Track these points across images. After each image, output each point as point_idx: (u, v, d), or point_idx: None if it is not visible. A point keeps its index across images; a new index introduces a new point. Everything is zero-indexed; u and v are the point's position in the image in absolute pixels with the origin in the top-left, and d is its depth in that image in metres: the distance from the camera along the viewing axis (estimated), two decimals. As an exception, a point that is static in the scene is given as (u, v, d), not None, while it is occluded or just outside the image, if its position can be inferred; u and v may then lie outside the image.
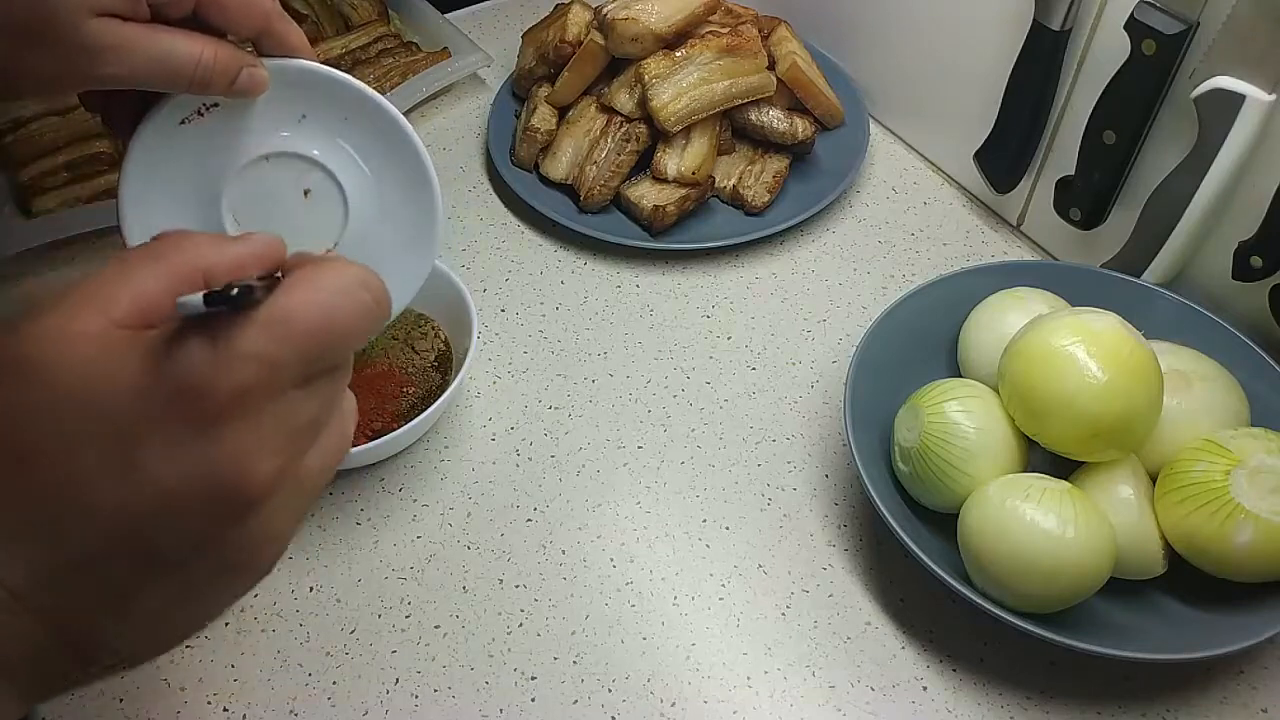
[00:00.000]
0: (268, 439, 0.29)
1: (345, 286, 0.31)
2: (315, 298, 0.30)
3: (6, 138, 0.80)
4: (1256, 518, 0.48)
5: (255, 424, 0.29)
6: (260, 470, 0.29)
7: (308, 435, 0.31)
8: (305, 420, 0.31)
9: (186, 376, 0.28)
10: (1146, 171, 0.64)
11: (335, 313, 0.30)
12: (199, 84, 0.45)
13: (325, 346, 0.30)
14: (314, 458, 0.32)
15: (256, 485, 0.29)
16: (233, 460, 0.29)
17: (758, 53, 0.76)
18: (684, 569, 0.57)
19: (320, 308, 0.30)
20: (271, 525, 0.31)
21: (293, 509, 0.32)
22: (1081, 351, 0.51)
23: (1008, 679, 0.53)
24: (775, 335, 0.70)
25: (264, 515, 0.30)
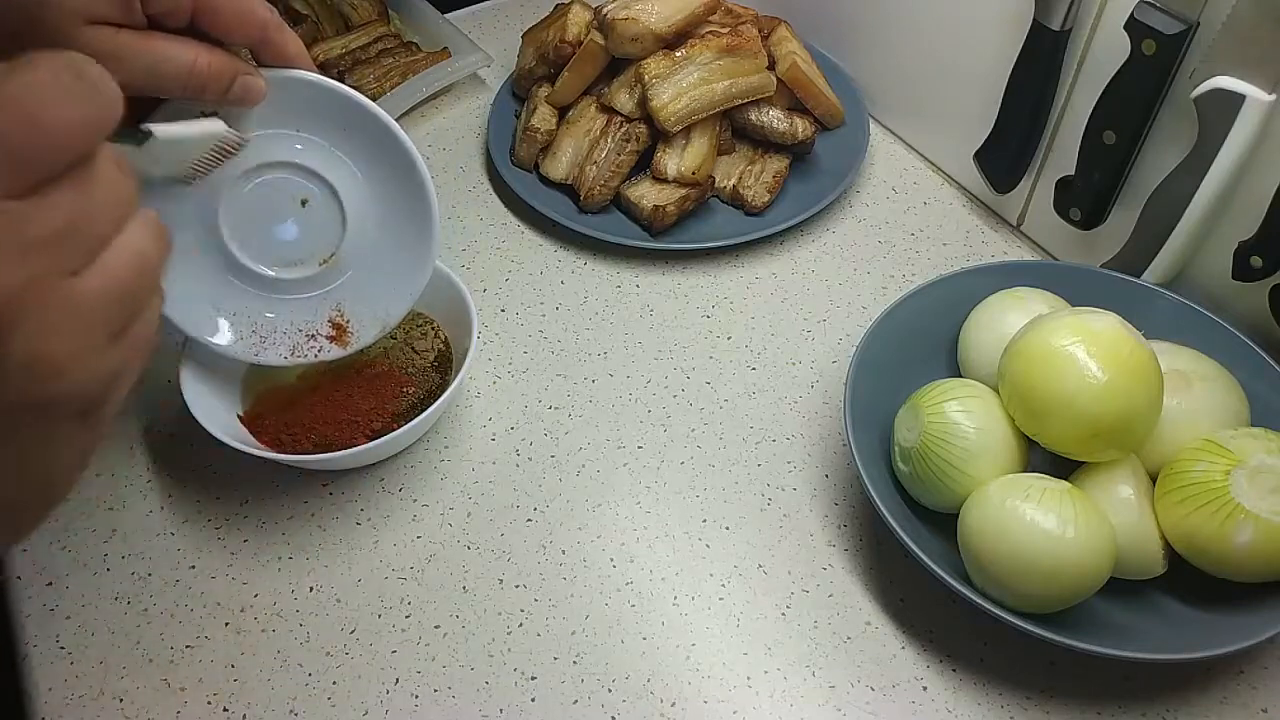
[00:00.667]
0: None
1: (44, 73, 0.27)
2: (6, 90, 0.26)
3: (6, 138, 0.80)
4: (1256, 518, 0.48)
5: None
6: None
7: (61, 250, 0.28)
8: (46, 231, 0.27)
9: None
10: (1146, 171, 0.64)
11: (33, 103, 0.27)
12: (192, 91, 0.45)
13: (23, 140, 0.27)
14: (91, 277, 0.29)
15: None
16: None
17: (758, 53, 0.76)
18: (684, 569, 0.57)
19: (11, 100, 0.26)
20: (42, 349, 0.28)
21: (70, 332, 0.28)
22: (1081, 351, 0.51)
23: (1008, 679, 0.53)
24: (775, 335, 0.70)
25: (20, 337, 0.27)
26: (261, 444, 0.58)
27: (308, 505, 0.60)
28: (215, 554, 0.58)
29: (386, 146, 0.51)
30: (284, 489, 0.61)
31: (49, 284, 0.28)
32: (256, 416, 0.60)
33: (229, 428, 0.58)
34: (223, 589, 0.57)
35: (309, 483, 0.61)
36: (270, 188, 0.50)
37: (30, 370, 0.28)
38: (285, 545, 0.59)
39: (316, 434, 0.59)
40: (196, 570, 0.58)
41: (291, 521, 0.60)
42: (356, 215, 0.51)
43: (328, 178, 0.51)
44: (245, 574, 0.57)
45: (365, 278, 0.54)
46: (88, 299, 0.29)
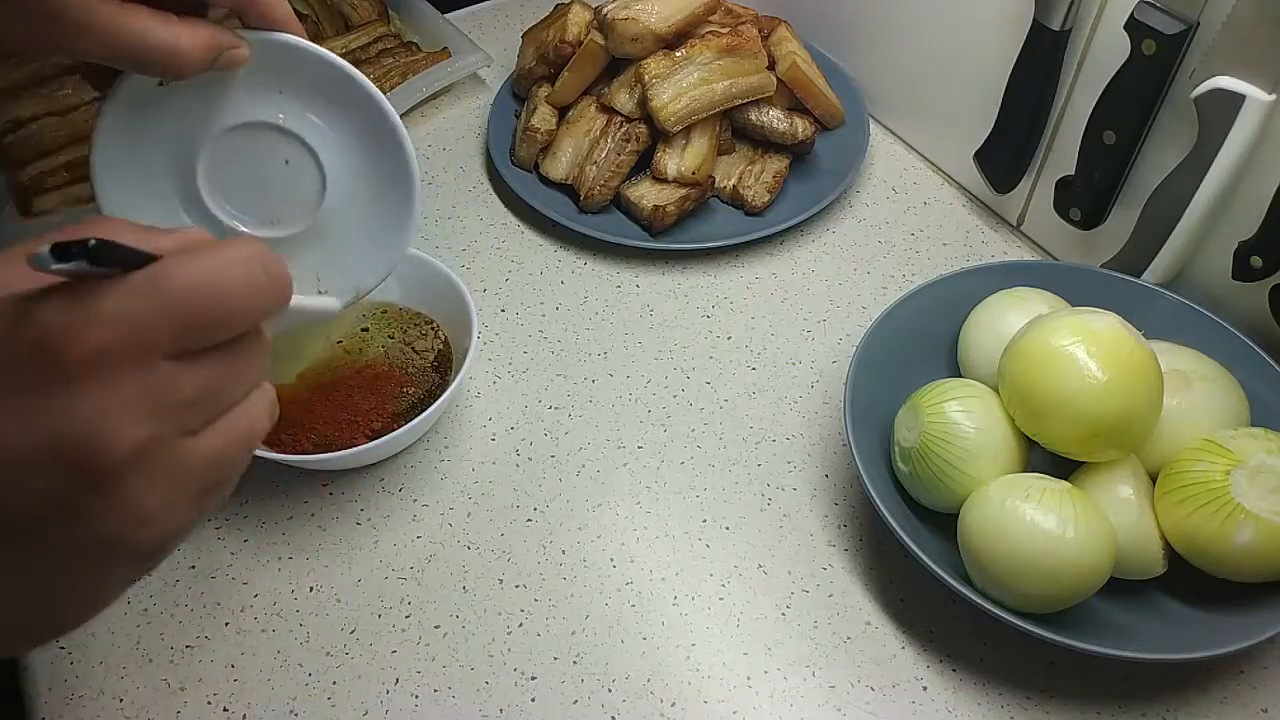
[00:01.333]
0: (130, 405, 0.28)
1: (234, 258, 0.30)
2: (196, 265, 0.29)
3: (6, 138, 0.80)
4: (1256, 518, 0.48)
5: (115, 388, 0.28)
6: (118, 435, 0.28)
7: (190, 412, 0.30)
8: (185, 395, 0.29)
9: (40, 332, 0.27)
10: (1146, 171, 0.64)
11: (218, 282, 0.29)
12: (174, 71, 0.45)
13: (204, 316, 0.29)
14: (204, 440, 0.30)
15: (113, 450, 0.28)
16: (86, 421, 0.27)
17: (758, 53, 0.76)
18: (684, 569, 0.57)
19: (200, 275, 0.29)
20: (141, 501, 0.29)
21: (170, 489, 0.30)
22: (1081, 351, 0.51)
23: (1008, 679, 0.53)
24: (775, 335, 0.70)
25: (129, 487, 0.29)
26: (261, 444, 0.58)
27: (308, 505, 0.60)
28: (215, 554, 0.58)
29: (370, 115, 0.50)
30: (284, 489, 0.61)
31: (167, 444, 0.29)
32: (256, 416, 0.60)
33: (229, 428, 0.57)
34: (223, 589, 0.57)
35: (309, 483, 0.61)
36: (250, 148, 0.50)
37: (128, 524, 0.29)
38: (285, 545, 0.59)
39: (316, 434, 0.59)
40: (196, 570, 0.58)
41: (291, 521, 0.60)
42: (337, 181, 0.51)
43: (309, 141, 0.50)
44: (245, 574, 0.57)
45: (342, 245, 0.53)
46: (196, 462, 0.30)
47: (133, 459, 0.28)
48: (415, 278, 0.65)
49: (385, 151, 0.51)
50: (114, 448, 0.28)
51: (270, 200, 0.51)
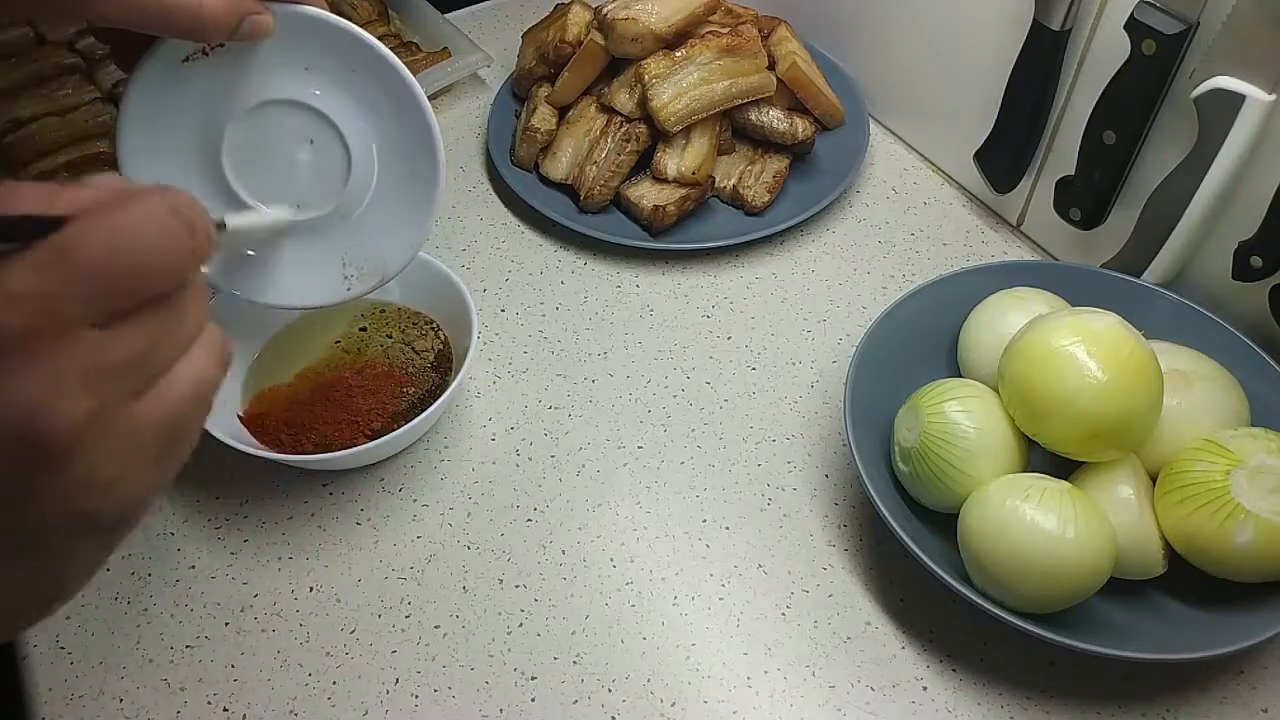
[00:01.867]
0: (63, 381, 0.27)
1: (147, 214, 0.28)
2: (107, 226, 0.27)
3: (6, 138, 0.80)
4: (1256, 518, 0.48)
5: (43, 365, 0.26)
6: (59, 412, 0.27)
7: (129, 376, 0.28)
8: (118, 360, 0.28)
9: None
10: (1146, 171, 0.64)
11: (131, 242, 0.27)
12: (198, 34, 0.44)
13: (121, 280, 0.27)
14: (152, 400, 0.29)
15: (59, 430, 0.27)
16: (21, 405, 0.26)
17: (758, 53, 0.76)
18: (684, 569, 0.57)
19: (111, 237, 0.27)
20: (98, 472, 0.28)
21: (125, 456, 0.29)
22: (1081, 351, 0.51)
23: (1008, 679, 0.53)
24: (775, 335, 0.70)
25: (83, 462, 0.28)
26: (261, 444, 0.58)
27: (308, 505, 0.60)
28: (215, 554, 0.58)
29: (395, 92, 0.49)
30: (284, 489, 0.61)
31: (115, 411, 0.28)
32: (256, 416, 0.60)
33: (229, 428, 0.58)
34: (223, 589, 0.57)
35: (309, 483, 0.61)
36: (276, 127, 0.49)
37: (79, 493, 0.28)
38: (285, 545, 0.59)
39: (316, 434, 0.59)
40: (196, 570, 0.58)
41: (291, 521, 0.60)
42: (361, 160, 0.50)
43: (334, 118, 0.49)
44: (245, 574, 0.57)
45: (368, 227, 0.52)
46: (148, 425, 0.29)
47: (80, 433, 0.27)
48: (415, 278, 0.65)
49: (410, 129, 0.50)
50: (58, 426, 0.27)
51: (295, 182, 0.50)
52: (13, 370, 0.26)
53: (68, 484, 0.28)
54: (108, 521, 0.30)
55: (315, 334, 0.65)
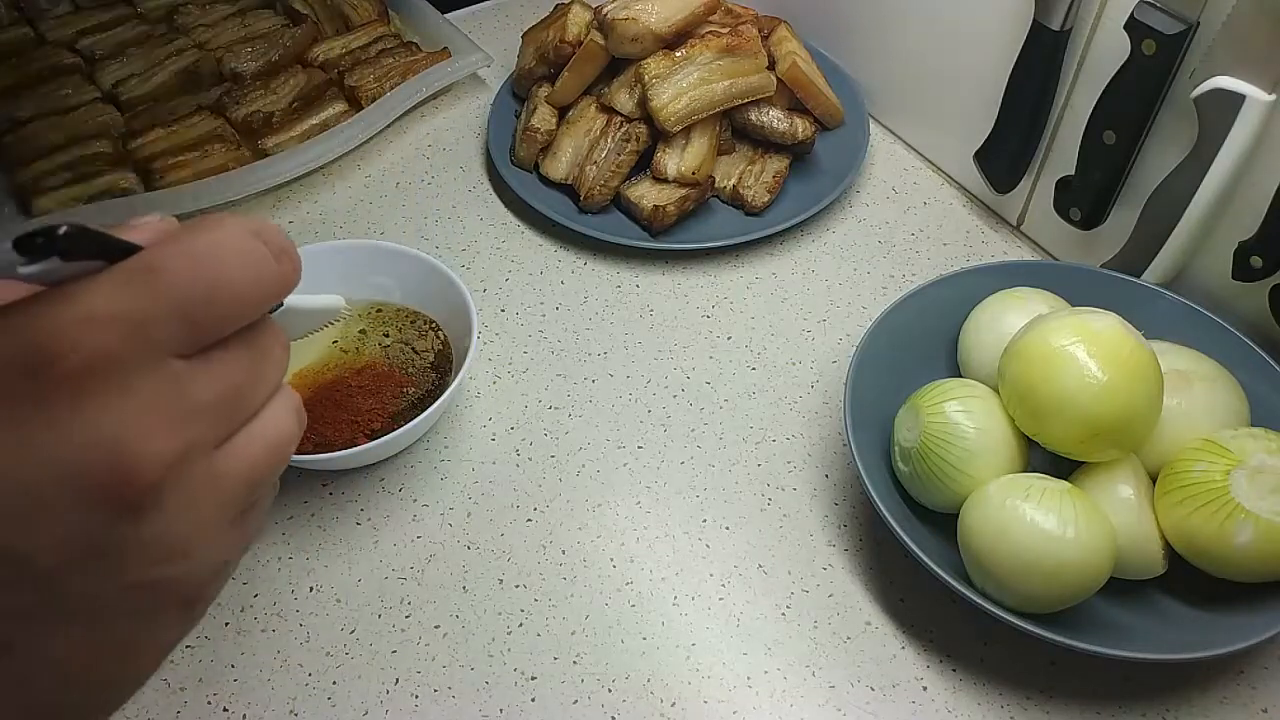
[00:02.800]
0: (149, 414, 0.24)
1: (229, 235, 0.25)
2: (189, 246, 0.25)
3: (6, 138, 0.80)
4: (1256, 518, 0.48)
5: (128, 396, 0.23)
6: (146, 449, 0.23)
7: (215, 418, 0.26)
8: (205, 399, 0.25)
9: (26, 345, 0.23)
10: (1146, 171, 0.64)
11: (216, 262, 0.25)
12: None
13: (210, 302, 0.25)
14: (235, 450, 0.26)
15: (144, 468, 0.23)
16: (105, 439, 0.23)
17: (758, 53, 0.76)
18: (684, 569, 0.57)
19: (196, 256, 0.25)
20: (180, 528, 0.25)
21: (208, 511, 0.26)
22: (1081, 351, 0.51)
23: (1008, 679, 0.53)
24: (775, 335, 0.70)
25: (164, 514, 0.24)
26: None
27: (308, 505, 0.60)
28: (215, 554, 0.58)
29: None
30: (284, 489, 0.61)
31: (198, 458, 0.25)
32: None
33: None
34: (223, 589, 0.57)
35: (309, 483, 0.61)
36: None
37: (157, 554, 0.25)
38: (285, 545, 0.59)
39: (316, 434, 0.59)
40: (196, 570, 0.58)
41: (291, 521, 0.60)
42: None
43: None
44: (245, 574, 0.57)
45: None
46: (228, 480, 0.26)
47: (164, 478, 0.24)
48: (415, 278, 0.65)
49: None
50: (145, 465, 0.23)
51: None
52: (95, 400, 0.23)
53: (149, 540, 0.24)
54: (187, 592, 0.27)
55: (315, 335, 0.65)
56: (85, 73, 0.87)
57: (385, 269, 0.66)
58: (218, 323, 0.25)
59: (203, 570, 0.27)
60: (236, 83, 0.86)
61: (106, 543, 0.24)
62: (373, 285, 0.66)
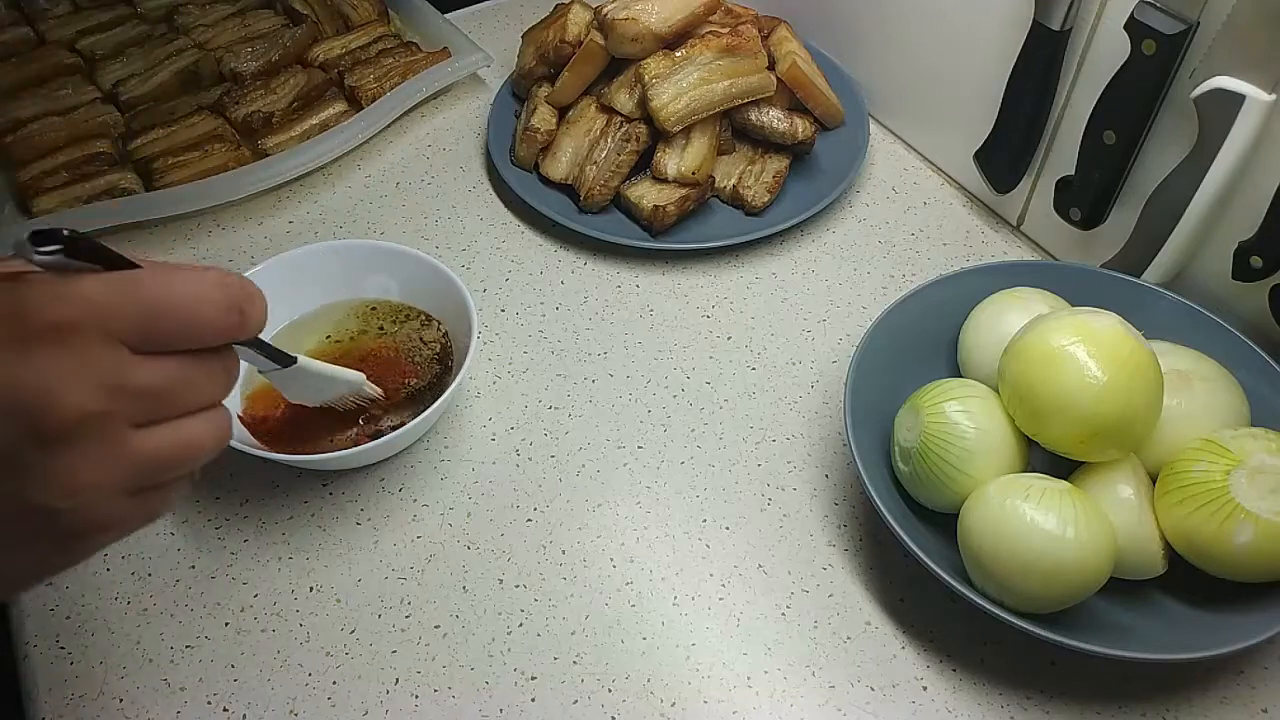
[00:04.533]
0: (84, 376, 0.30)
1: (204, 278, 0.33)
2: (169, 276, 0.32)
3: (6, 138, 0.80)
4: (1256, 518, 0.48)
5: (72, 357, 0.30)
6: (66, 399, 0.30)
7: (141, 404, 0.32)
8: (138, 385, 0.31)
9: (18, 299, 0.30)
10: (1146, 171, 0.64)
11: (186, 293, 0.32)
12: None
13: (169, 317, 0.32)
14: (149, 435, 0.32)
15: (58, 410, 0.29)
16: (40, 378, 0.29)
17: (758, 53, 0.76)
18: (684, 569, 0.57)
19: (171, 284, 0.32)
20: (76, 471, 0.31)
21: (106, 469, 0.31)
22: (1081, 351, 0.51)
23: (1008, 679, 0.53)
24: (775, 335, 0.70)
25: (69, 453, 0.30)
26: (261, 444, 0.58)
27: (308, 505, 0.60)
28: (215, 554, 0.58)
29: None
30: (284, 489, 0.61)
31: (114, 424, 0.31)
32: (256, 416, 0.60)
33: (229, 428, 0.57)
34: (223, 589, 0.57)
35: (309, 483, 0.61)
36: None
37: (51, 481, 0.30)
38: (285, 545, 0.59)
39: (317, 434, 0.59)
40: (196, 570, 0.58)
41: (291, 521, 0.60)
42: None
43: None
44: (245, 574, 0.57)
45: None
46: (133, 454, 0.32)
47: (78, 425, 0.30)
48: (415, 277, 0.65)
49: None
50: (63, 408, 0.30)
51: None
52: (49, 350, 0.30)
53: (49, 470, 0.30)
54: (66, 528, 0.32)
55: (313, 332, 0.65)
56: (85, 73, 0.87)
57: (385, 268, 0.66)
58: (167, 336, 0.32)
59: (87, 517, 0.32)
60: (236, 83, 0.86)
61: (14, 457, 0.30)
62: (373, 284, 0.66)
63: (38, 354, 0.29)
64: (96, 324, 0.30)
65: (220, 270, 0.33)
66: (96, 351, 0.30)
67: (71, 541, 0.33)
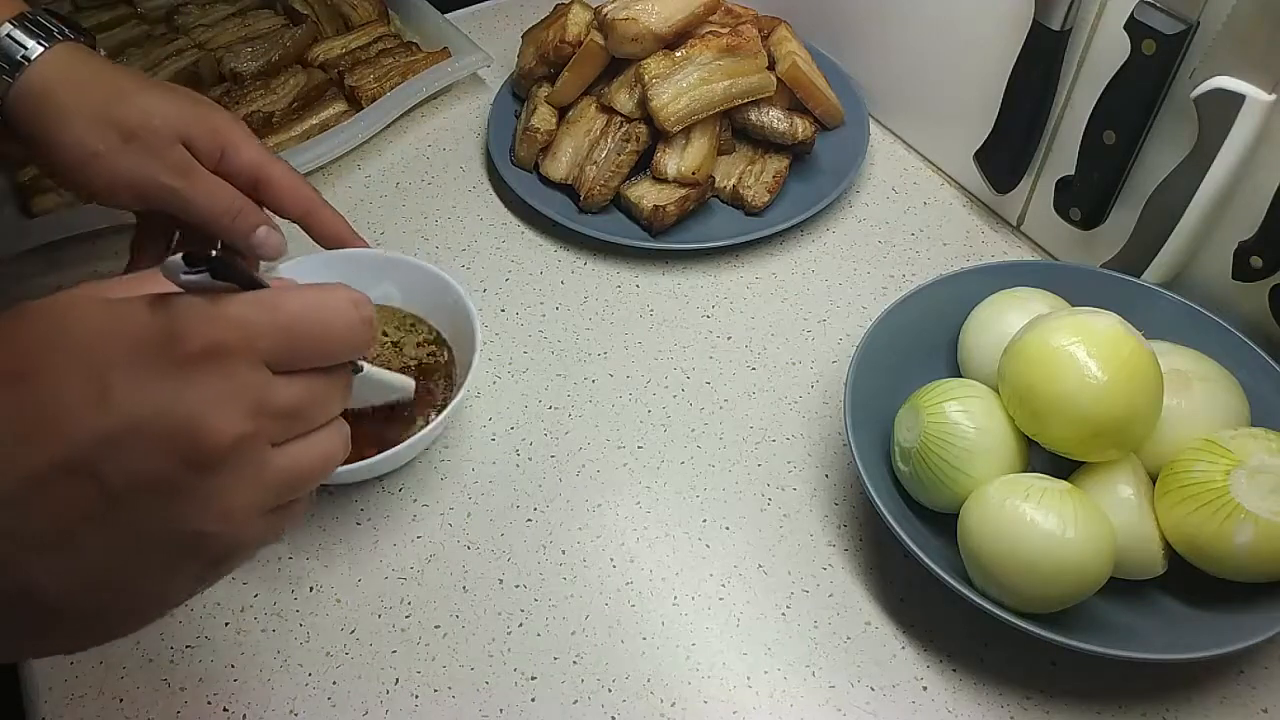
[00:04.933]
0: (236, 399, 0.31)
1: (336, 296, 0.34)
2: (304, 294, 0.33)
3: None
4: (1256, 518, 0.48)
5: (224, 381, 0.31)
6: (220, 423, 0.30)
7: (281, 422, 0.33)
8: (281, 403, 0.32)
9: (169, 321, 0.30)
10: (1146, 171, 0.64)
11: (322, 312, 0.33)
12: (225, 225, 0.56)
13: (308, 336, 0.33)
14: (288, 452, 0.33)
15: (213, 435, 0.30)
16: (195, 403, 0.30)
17: (758, 53, 0.76)
18: (684, 569, 0.57)
19: (308, 302, 0.33)
20: (226, 495, 0.31)
21: (252, 491, 0.32)
22: (1081, 351, 0.51)
23: (1008, 679, 0.53)
24: (775, 335, 0.70)
25: (220, 477, 0.31)
26: None
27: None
28: (215, 554, 0.58)
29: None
30: (284, 489, 0.61)
31: (259, 445, 0.32)
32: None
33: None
34: (223, 589, 0.57)
35: (309, 483, 0.61)
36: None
37: (207, 505, 0.31)
38: (285, 545, 0.59)
39: None
40: (196, 570, 0.58)
41: (291, 521, 0.60)
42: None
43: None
44: (245, 574, 0.57)
45: None
46: (276, 470, 0.33)
47: (230, 449, 0.31)
48: (417, 284, 0.64)
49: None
50: (217, 433, 0.30)
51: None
52: (203, 375, 0.30)
53: (201, 494, 0.31)
54: (214, 552, 0.33)
55: None
56: (85, 73, 0.87)
57: (389, 275, 0.65)
58: (307, 354, 0.33)
59: (232, 539, 0.33)
60: (236, 83, 0.86)
61: (170, 482, 0.30)
62: (377, 294, 0.66)
63: (192, 378, 0.30)
64: (244, 345, 0.31)
65: (345, 286, 0.34)
66: (245, 373, 0.31)
67: (218, 564, 0.33)
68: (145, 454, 0.30)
